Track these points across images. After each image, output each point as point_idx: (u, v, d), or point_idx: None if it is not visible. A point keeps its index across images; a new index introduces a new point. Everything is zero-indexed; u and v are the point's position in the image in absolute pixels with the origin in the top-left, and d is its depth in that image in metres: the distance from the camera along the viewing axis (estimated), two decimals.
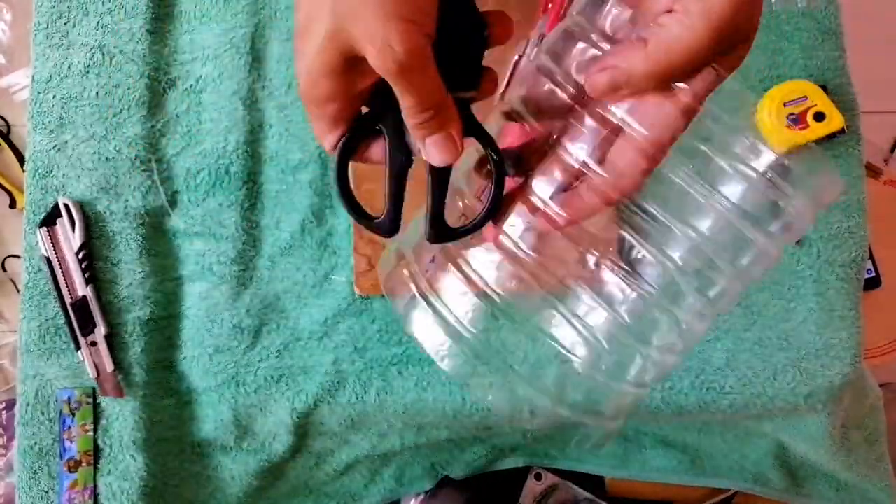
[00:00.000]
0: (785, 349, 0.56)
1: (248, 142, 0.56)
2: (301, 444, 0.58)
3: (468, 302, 0.30)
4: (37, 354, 0.53)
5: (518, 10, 0.57)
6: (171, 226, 0.55)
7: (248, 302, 0.55)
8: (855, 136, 0.58)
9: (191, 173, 0.55)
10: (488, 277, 0.30)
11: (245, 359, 0.54)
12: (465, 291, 0.30)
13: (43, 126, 0.54)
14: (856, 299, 0.57)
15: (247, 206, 0.55)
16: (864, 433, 0.63)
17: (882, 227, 0.79)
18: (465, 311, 0.30)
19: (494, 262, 0.31)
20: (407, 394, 0.54)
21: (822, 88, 0.56)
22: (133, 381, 0.53)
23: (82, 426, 0.53)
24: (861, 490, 0.64)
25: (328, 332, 0.55)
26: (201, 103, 0.56)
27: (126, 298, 0.53)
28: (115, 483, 0.53)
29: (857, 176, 0.58)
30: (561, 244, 0.30)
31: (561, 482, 0.68)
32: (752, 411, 0.57)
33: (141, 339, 0.53)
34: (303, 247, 0.56)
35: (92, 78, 0.55)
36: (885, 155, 1.00)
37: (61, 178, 0.54)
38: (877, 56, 0.88)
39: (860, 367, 0.57)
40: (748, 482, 0.66)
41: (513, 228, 0.30)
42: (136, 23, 0.55)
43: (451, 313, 0.30)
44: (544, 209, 0.30)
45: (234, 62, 0.56)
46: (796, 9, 0.59)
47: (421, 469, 0.65)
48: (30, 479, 0.53)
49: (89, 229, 0.54)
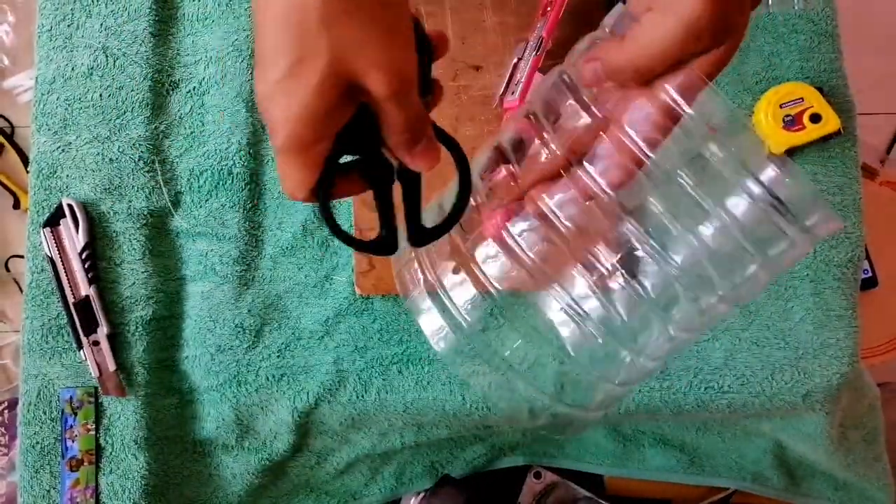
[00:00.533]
0: (783, 349, 0.56)
1: (250, 143, 0.56)
2: (302, 442, 0.58)
3: (470, 297, 0.31)
4: (39, 354, 0.53)
5: (516, 13, 0.57)
6: (174, 226, 0.56)
7: (250, 302, 0.55)
8: (851, 137, 0.58)
9: (194, 174, 0.56)
10: (490, 273, 0.31)
11: (247, 358, 0.55)
12: (469, 288, 0.31)
13: (47, 127, 0.55)
14: (853, 299, 0.57)
15: (249, 206, 0.56)
16: (862, 432, 0.63)
17: (878, 227, 0.79)
18: (466, 306, 0.31)
19: (495, 257, 0.31)
20: (407, 393, 0.55)
21: (818, 90, 0.56)
22: (135, 380, 0.54)
23: (84, 425, 0.53)
24: (859, 489, 0.65)
25: (329, 332, 0.55)
26: (204, 105, 0.56)
27: (129, 298, 0.54)
28: (117, 482, 0.54)
29: (853, 177, 0.58)
30: (562, 242, 0.31)
31: (560, 481, 0.68)
32: (750, 410, 0.57)
33: (143, 339, 0.54)
34: (304, 247, 0.56)
35: (95, 80, 0.55)
36: (881, 156, 1.01)
37: (65, 179, 0.55)
38: (873, 58, 0.89)
39: (858, 367, 0.57)
40: (747, 481, 0.66)
41: (515, 226, 0.31)
42: (140, 25, 0.56)
43: (455, 308, 0.31)
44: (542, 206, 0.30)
45: (236, 64, 0.56)
46: (793, 11, 0.59)
47: (421, 468, 0.65)
48: (32, 478, 0.53)
49: (93, 230, 0.54)
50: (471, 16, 0.57)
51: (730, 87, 0.58)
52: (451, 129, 0.30)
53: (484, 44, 0.57)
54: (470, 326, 0.30)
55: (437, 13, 0.57)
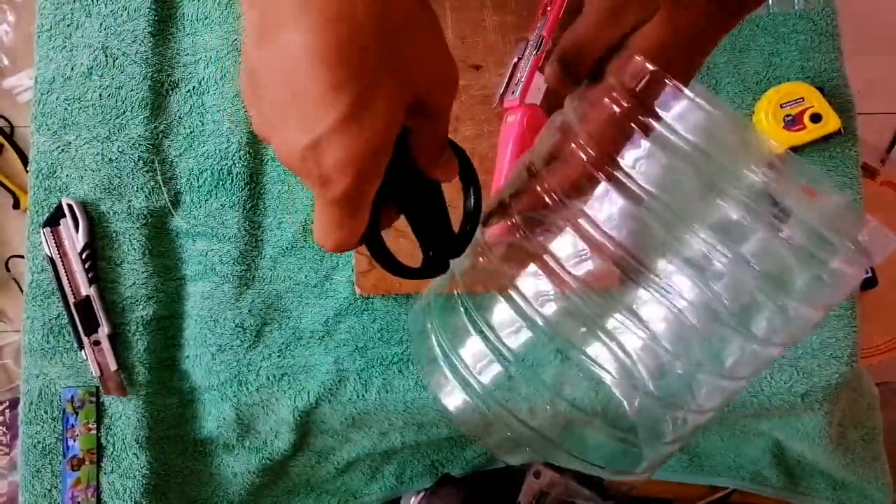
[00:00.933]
0: None
1: (250, 143, 0.56)
2: (302, 442, 0.58)
3: (482, 349, 0.28)
4: (40, 354, 0.54)
5: (516, 13, 0.57)
6: (173, 226, 0.56)
7: (251, 301, 0.55)
8: (851, 137, 0.58)
9: (193, 174, 0.56)
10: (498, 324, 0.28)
11: (247, 358, 0.55)
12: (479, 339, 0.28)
13: (46, 127, 0.55)
14: (852, 299, 0.57)
15: (249, 206, 0.56)
16: (861, 432, 0.63)
17: None
18: (478, 359, 0.28)
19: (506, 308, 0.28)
20: (407, 392, 0.55)
21: (818, 90, 0.56)
22: (136, 379, 0.54)
23: (85, 425, 0.54)
24: (858, 488, 0.65)
25: (329, 332, 0.55)
26: (204, 105, 0.56)
27: (129, 298, 0.54)
28: (118, 481, 0.54)
29: (853, 177, 0.58)
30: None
31: (560, 479, 0.68)
32: (749, 410, 0.57)
33: (144, 339, 0.54)
34: (304, 247, 0.56)
35: (95, 79, 0.55)
36: (882, 156, 1.01)
37: (65, 179, 0.55)
38: (873, 58, 0.89)
39: (857, 367, 0.57)
40: (746, 480, 0.67)
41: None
42: (139, 25, 0.55)
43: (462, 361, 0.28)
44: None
45: (236, 64, 0.56)
46: (793, 11, 0.59)
47: (421, 467, 0.65)
48: (33, 478, 0.53)
49: (93, 230, 0.54)
50: (471, 15, 0.57)
51: (730, 87, 0.58)
52: (451, 130, 0.30)
53: (484, 43, 0.57)
54: (483, 387, 0.27)
55: (437, 13, 0.57)
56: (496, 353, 0.27)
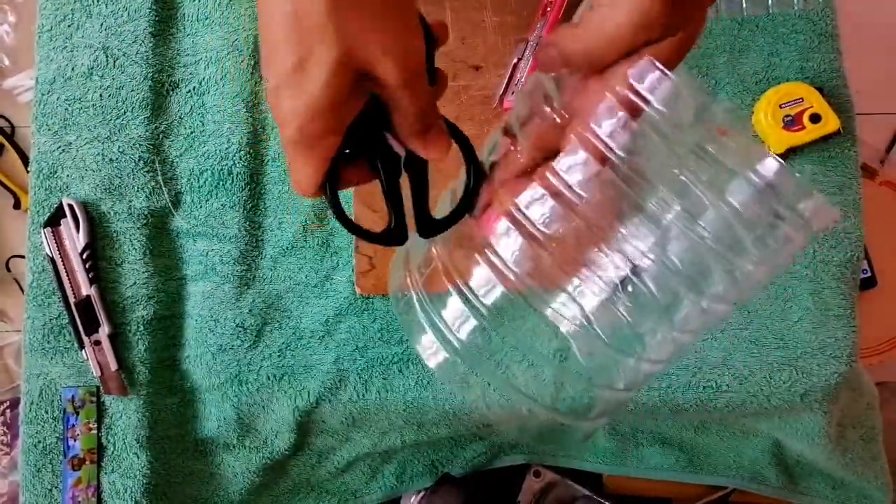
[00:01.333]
0: (781, 348, 0.56)
1: (250, 143, 0.56)
2: (303, 441, 0.58)
3: (460, 307, 0.30)
4: (41, 353, 0.54)
5: (516, 13, 0.57)
6: (174, 226, 0.56)
7: (251, 301, 0.55)
8: (851, 137, 0.58)
9: (194, 174, 0.56)
10: (505, 256, 0.30)
11: (248, 357, 0.55)
12: (457, 298, 0.30)
13: (47, 127, 0.55)
14: (851, 299, 0.57)
15: (249, 206, 0.56)
16: (860, 432, 0.63)
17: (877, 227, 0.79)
18: (455, 316, 0.30)
19: (507, 234, 0.30)
20: (407, 392, 0.55)
21: (818, 90, 0.56)
22: (137, 379, 0.54)
23: (86, 424, 0.54)
24: (857, 488, 0.65)
25: (330, 332, 0.55)
26: (204, 105, 0.56)
27: (130, 298, 0.54)
28: (119, 481, 0.54)
29: (852, 177, 0.58)
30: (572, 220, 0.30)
31: (559, 479, 0.68)
32: (748, 410, 0.57)
33: (145, 339, 0.54)
34: (304, 247, 0.56)
35: (95, 80, 0.55)
36: (881, 156, 1.01)
37: (65, 179, 0.55)
38: (872, 58, 0.89)
39: (856, 367, 0.58)
40: (745, 480, 0.67)
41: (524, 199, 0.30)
42: (140, 25, 0.56)
43: (445, 325, 0.30)
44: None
45: (236, 65, 0.56)
46: (793, 11, 0.59)
47: (421, 466, 0.65)
48: (34, 477, 0.54)
49: (93, 230, 0.54)
50: (471, 16, 0.57)
51: (730, 87, 0.58)
52: None
53: (484, 44, 0.57)
54: (462, 343, 0.30)
55: (437, 13, 0.57)
56: (473, 310, 0.30)
